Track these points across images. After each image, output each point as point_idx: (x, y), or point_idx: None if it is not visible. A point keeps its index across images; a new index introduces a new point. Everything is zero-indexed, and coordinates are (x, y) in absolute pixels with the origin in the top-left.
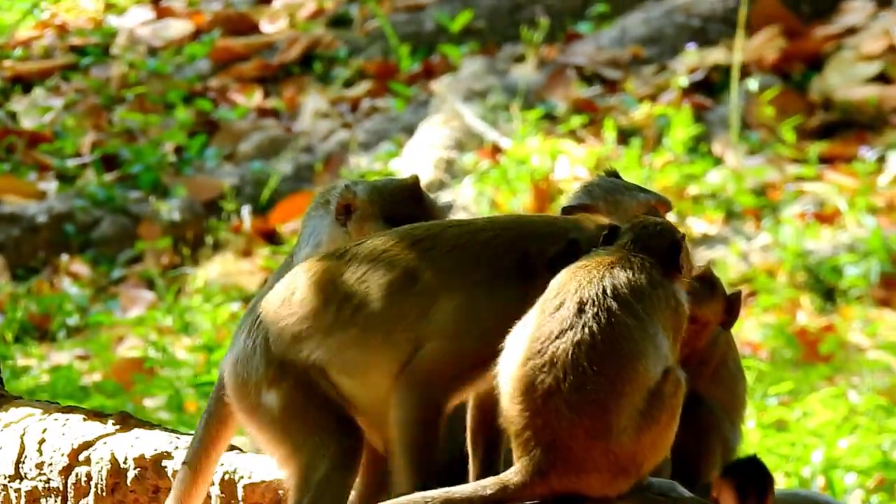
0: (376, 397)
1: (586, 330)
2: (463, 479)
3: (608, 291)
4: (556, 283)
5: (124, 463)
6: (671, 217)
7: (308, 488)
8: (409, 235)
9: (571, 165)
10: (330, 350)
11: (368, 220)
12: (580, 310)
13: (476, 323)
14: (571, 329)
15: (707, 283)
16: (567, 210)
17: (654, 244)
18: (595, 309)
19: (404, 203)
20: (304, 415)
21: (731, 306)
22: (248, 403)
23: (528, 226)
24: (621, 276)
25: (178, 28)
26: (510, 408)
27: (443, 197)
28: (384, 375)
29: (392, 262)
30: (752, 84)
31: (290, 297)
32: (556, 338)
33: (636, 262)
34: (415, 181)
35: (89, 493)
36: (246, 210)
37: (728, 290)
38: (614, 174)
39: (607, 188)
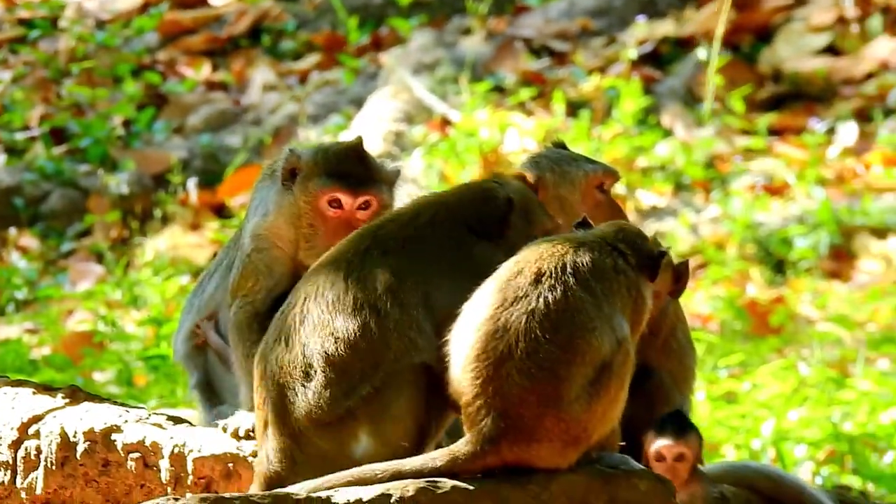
0: None
1: (541, 300)
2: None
3: (568, 267)
4: (519, 254)
5: (74, 436)
6: (620, 188)
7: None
8: (354, 247)
9: (520, 138)
10: (385, 373)
11: (312, 180)
12: (537, 280)
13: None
14: (526, 297)
15: None
16: None
17: (638, 243)
18: (552, 281)
19: (348, 162)
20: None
21: (680, 276)
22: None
23: (455, 197)
24: (585, 256)
25: (126, 1)
26: (461, 377)
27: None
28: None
29: (372, 275)
30: (702, 55)
31: (307, 376)
32: (511, 305)
33: (606, 249)
34: (358, 142)
35: (39, 466)
36: (192, 183)
37: (676, 261)
38: (561, 145)
39: (555, 159)
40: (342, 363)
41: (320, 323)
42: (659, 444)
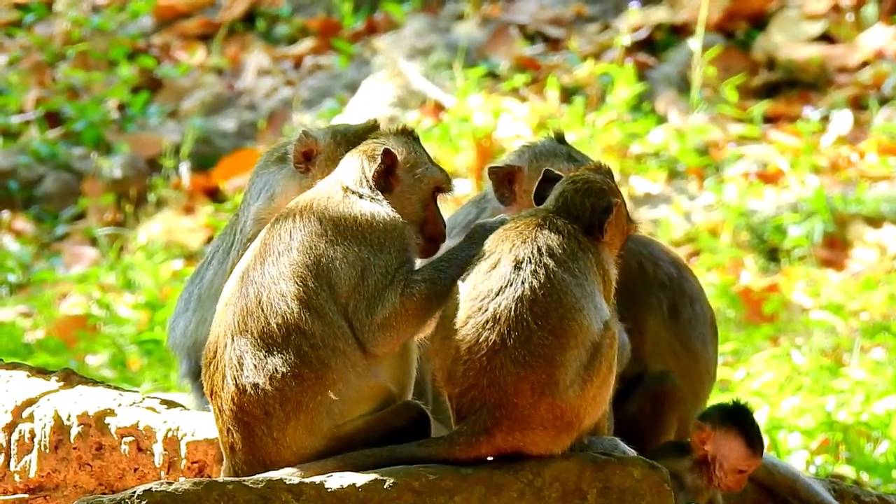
0: None
1: (526, 285)
2: None
3: (543, 250)
4: (487, 245)
5: (68, 420)
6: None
7: None
8: (252, 262)
9: (514, 123)
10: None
11: (336, 162)
12: (517, 267)
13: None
14: (511, 285)
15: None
16: (493, 171)
17: (579, 207)
18: (532, 266)
19: None
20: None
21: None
22: None
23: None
24: (553, 238)
25: None
26: (453, 369)
27: None
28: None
29: (279, 291)
30: (695, 45)
31: (267, 415)
32: (497, 295)
33: (562, 227)
34: (375, 123)
35: (33, 449)
36: (184, 167)
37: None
38: (560, 138)
39: (539, 153)
40: (296, 398)
41: (258, 362)
42: (749, 461)
